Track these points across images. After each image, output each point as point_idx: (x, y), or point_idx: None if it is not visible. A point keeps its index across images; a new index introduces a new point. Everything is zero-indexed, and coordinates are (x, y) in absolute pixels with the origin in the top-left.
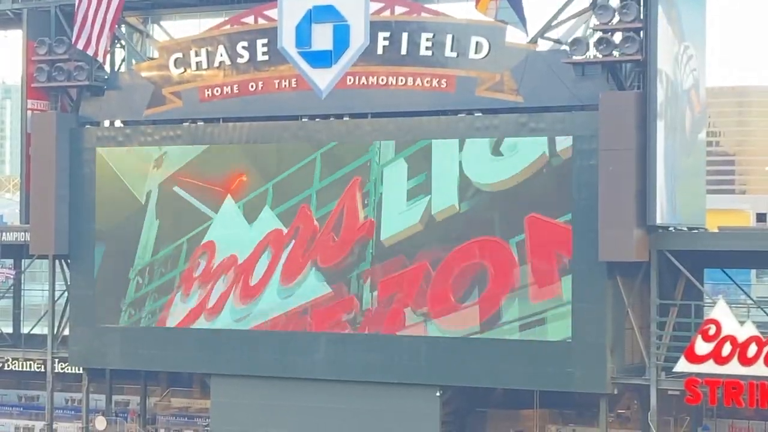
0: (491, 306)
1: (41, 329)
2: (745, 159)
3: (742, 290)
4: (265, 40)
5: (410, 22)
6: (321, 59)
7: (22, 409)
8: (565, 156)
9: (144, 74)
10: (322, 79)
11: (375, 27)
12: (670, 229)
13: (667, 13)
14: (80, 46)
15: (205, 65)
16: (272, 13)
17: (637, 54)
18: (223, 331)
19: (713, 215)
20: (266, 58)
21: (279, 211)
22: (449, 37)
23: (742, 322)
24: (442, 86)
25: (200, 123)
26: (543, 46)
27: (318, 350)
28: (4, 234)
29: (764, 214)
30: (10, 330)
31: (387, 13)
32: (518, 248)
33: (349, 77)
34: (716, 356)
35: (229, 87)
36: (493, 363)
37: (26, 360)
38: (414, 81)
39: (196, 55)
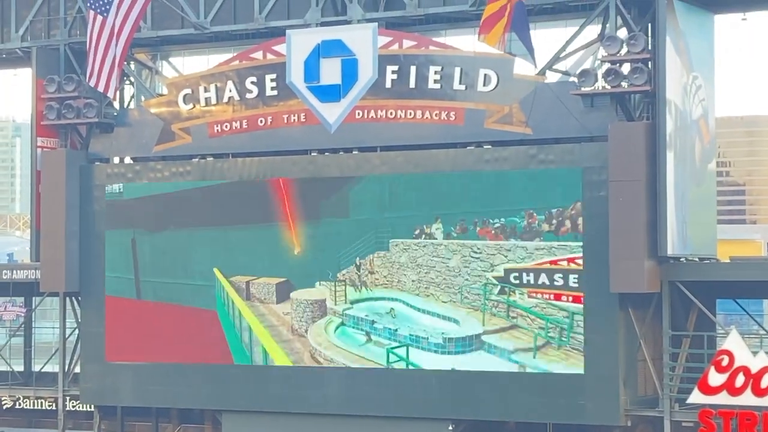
0: None
1: (52, 367)
2: (756, 188)
3: (755, 321)
4: (274, 75)
5: (418, 56)
6: (330, 93)
7: None
8: None
9: (153, 110)
10: (331, 113)
11: (383, 61)
12: (681, 259)
13: (675, 43)
14: (91, 83)
15: (214, 101)
16: (280, 48)
17: (646, 85)
18: (234, 366)
19: (724, 245)
20: (275, 93)
21: None
22: (457, 70)
23: (755, 353)
24: (450, 119)
25: (210, 158)
26: (551, 77)
27: (330, 385)
28: (14, 272)
29: None
30: (21, 368)
31: (395, 46)
32: None
33: (357, 111)
34: (730, 387)
35: (238, 122)
36: (505, 396)
37: (37, 398)
38: (423, 114)
39: (205, 90)
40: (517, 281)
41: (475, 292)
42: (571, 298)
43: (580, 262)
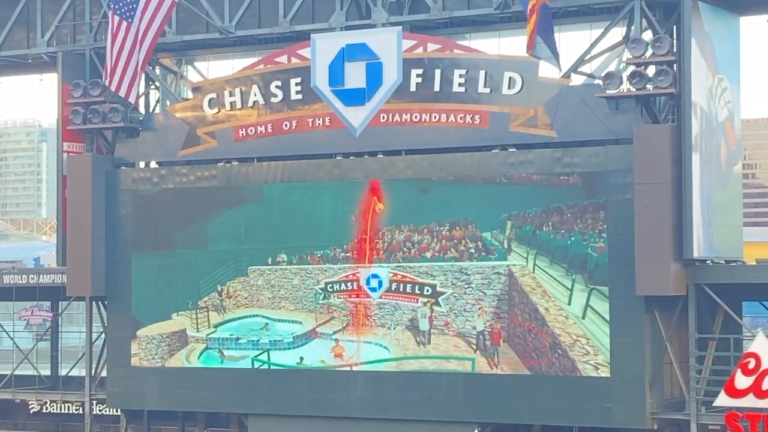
0: None
1: (79, 371)
2: None
3: None
4: (299, 79)
5: (443, 59)
6: (354, 97)
7: None
8: None
9: (178, 115)
10: (356, 117)
11: (408, 64)
12: (707, 262)
13: (701, 45)
14: (112, 87)
15: (239, 105)
16: (305, 52)
17: (671, 87)
18: (261, 370)
19: (751, 248)
20: (300, 97)
21: None
22: (482, 73)
23: None
24: (475, 122)
25: (235, 162)
26: (576, 80)
27: (356, 388)
28: (41, 276)
29: None
30: (48, 372)
31: (420, 50)
32: None
33: (382, 115)
34: (756, 390)
35: (263, 126)
36: (531, 399)
37: (64, 402)
38: (447, 117)
39: (230, 95)
40: (331, 289)
41: (310, 299)
42: (361, 296)
43: (357, 275)
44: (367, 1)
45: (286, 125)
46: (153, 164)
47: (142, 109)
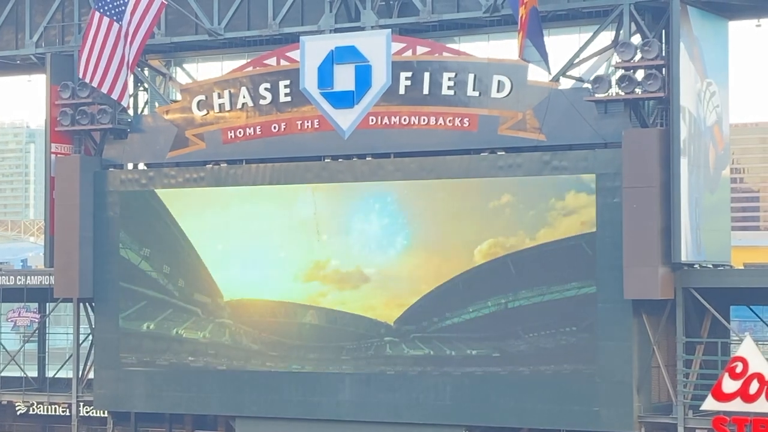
0: None
1: (66, 373)
2: None
3: None
4: (288, 82)
5: (432, 62)
6: (343, 100)
7: None
8: None
9: (167, 117)
10: (345, 119)
11: (397, 67)
12: (695, 266)
13: (689, 50)
14: (104, 90)
15: (227, 107)
16: (294, 54)
17: (660, 91)
18: (248, 372)
19: (738, 252)
20: (289, 99)
21: None
22: (471, 76)
23: None
24: (464, 125)
25: (223, 165)
26: (565, 84)
27: (343, 391)
28: (28, 278)
29: None
30: (35, 374)
31: (409, 53)
32: None
33: (371, 117)
34: (743, 394)
35: (251, 128)
36: (518, 402)
37: (51, 404)
38: (436, 120)
39: (219, 97)
40: None
41: None
42: None
43: None
44: (356, 4)
45: (274, 127)
46: (141, 166)
47: (130, 111)
